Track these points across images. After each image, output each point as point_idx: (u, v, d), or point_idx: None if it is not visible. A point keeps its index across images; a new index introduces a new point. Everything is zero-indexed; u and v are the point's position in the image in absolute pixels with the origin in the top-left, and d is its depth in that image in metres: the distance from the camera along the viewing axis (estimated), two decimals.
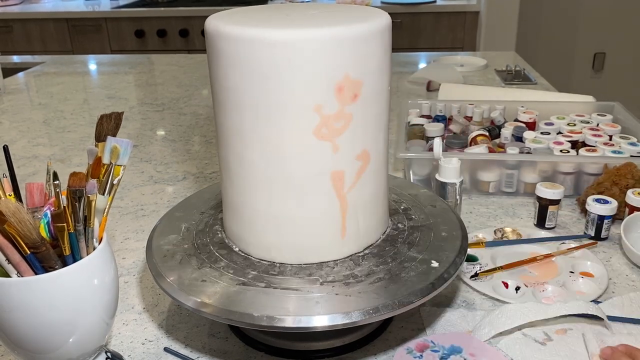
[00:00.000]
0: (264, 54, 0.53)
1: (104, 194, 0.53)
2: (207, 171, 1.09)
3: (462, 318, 0.66)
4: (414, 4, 2.84)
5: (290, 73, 0.53)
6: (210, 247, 0.64)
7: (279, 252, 0.61)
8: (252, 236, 0.62)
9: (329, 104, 0.55)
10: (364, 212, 0.61)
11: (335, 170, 0.57)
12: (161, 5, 3.02)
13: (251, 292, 0.56)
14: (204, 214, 0.71)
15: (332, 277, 0.58)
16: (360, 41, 0.54)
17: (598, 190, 0.85)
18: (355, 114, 0.56)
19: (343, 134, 0.56)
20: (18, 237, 0.47)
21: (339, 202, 0.59)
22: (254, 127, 0.56)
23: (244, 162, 0.59)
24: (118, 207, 0.96)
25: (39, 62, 2.02)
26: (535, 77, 1.61)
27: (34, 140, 1.28)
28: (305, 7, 0.62)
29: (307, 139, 0.55)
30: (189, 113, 1.44)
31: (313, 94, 0.54)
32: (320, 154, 0.56)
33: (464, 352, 0.60)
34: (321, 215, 0.59)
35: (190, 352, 0.63)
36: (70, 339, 0.51)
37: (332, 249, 0.61)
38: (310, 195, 0.58)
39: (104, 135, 0.54)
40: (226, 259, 0.62)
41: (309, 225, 0.59)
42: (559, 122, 1.07)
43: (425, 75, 1.58)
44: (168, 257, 0.63)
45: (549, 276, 0.73)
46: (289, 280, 0.58)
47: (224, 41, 0.55)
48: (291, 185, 0.58)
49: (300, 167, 0.57)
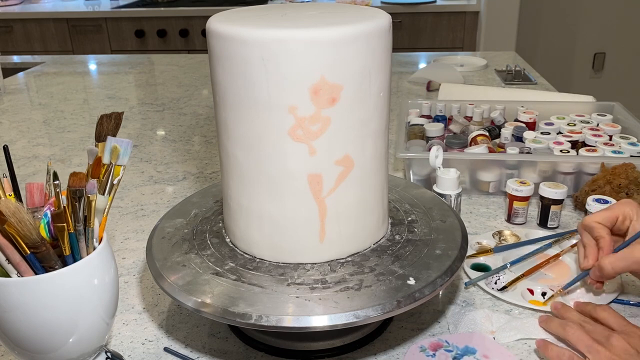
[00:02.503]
0: (240, 52, 0.54)
1: (104, 194, 0.53)
2: (207, 171, 1.09)
3: (487, 318, 0.66)
4: (414, 4, 2.84)
5: (265, 73, 0.53)
6: (206, 235, 0.67)
7: (257, 248, 0.62)
8: (236, 229, 0.63)
9: (303, 106, 0.54)
10: (347, 218, 0.60)
11: (312, 173, 0.57)
12: (161, 5, 3.01)
13: (250, 292, 0.56)
14: (205, 214, 0.72)
15: (301, 279, 0.58)
16: (339, 44, 0.53)
17: (592, 187, 0.85)
18: (333, 118, 0.55)
19: (320, 137, 0.56)
20: (18, 237, 0.47)
21: (317, 206, 0.58)
22: (236, 124, 0.58)
23: (229, 158, 0.60)
24: (118, 207, 0.96)
25: (39, 62, 2.02)
26: (535, 77, 1.61)
27: (34, 140, 1.28)
28: (304, 7, 0.62)
29: (282, 139, 0.56)
30: (189, 113, 1.44)
31: (287, 95, 0.54)
32: (295, 155, 0.56)
33: (477, 353, 0.60)
34: (298, 216, 0.59)
35: (190, 352, 0.63)
36: (70, 339, 0.51)
37: (310, 252, 0.61)
38: (287, 196, 0.58)
39: (104, 135, 0.54)
40: (214, 248, 0.64)
41: (286, 225, 0.60)
42: (559, 122, 1.07)
43: (425, 75, 1.59)
44: (166, 238, 0.66)
45: (564, 276, 0.73)
46: (260, 277, 0.59)
47: (212, 38, 0.57)
48: (270, 184, 0.58)
49: (277, 167, 0.57)
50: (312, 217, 0.59)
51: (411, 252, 0.62)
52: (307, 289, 0.57)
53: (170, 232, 0.67)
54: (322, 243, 0.60)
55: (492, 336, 0.63)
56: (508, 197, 0.86)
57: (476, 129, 1.05)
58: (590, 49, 3.26)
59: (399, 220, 0.69)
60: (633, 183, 0.84)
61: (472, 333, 0.64)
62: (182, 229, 0.68)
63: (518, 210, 0.86)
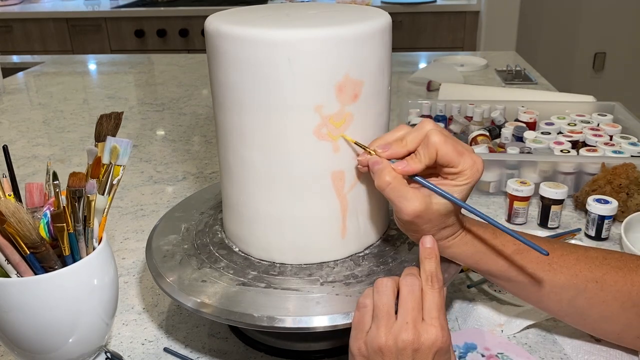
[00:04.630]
0: (264, 53, 0.52)
1: (104, 194, 0.53)
2: (207, 171, 1.08)
3: (494, 312, 0.67)
4: (414, 4, 2.84)
5: (291, 73, 0.53)
6: (210, 248, 0.64)
7: (279, 252, 0.61)
8: (252, 236, 0.62)
9: (329, 104, 0.54)
10: (364, 212, 0.61)
11: (335, 170, 0.57)
12: (161, 5, 3.02)
13: (251, 293, 0.56)
14: (204, 214, 0.71)
15: (332, 277, 0.58)
16: (360, 41, 0.54)
17: (592, 187, 0.85)
18: (355, 113, 0.56)
19: (343, 134, 0.56)
20: (17, 237, 0.47)
21: (340, 202, 0.59)
22: (254, 127, 0.56)
23: (244, 162, 0.58)
24: (118, 207, 0.95)
25: (39, 62, 2.02)
26: (535, 77, 1.61)
27: (33, 140, 1.28)
28: (304, 7, 0.62)
29: (307, 139, 0.55)
30: (189, 113, 1.44)
31: (313, 95, 0.54)
32: (320, 154, 0.56)
33: (478, 347, 0.61)
34: (322, 215, 0.59)
35: (190, 352, 0.63)
36: (70, 339, 0.51)
37: (333, 249, 0.61)
38: (311, 196, 0.58)
39: (104, 135, 0.54)
40: (226, 259, 0.62)
41: (310, 225, 0.59)
42: (560, 122, 1.07)
43: (425, 75, 1.58)
44: (168, 257, 0.63)
45: None
46: (289, 280, 0.58)
47: (224, 41, 0.54)
48: (292, 185, 0.57)
49: (301, 167, 0.57)
50: (334, 215, 0.59)
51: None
52: (342, 286, 0.57)
53: (170, 250, 0.64)
54: (343, 239, 0.61)
55: (501, 329, 0.64)
56: (508, 197, 0.86)
57: (476, 129, 1.05)
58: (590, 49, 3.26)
59: None
60: (633, 183, 0.84)
61: (467, 329, 0.64)
62: (179, 245, 0.65)
63: (518, 210, 0.86)
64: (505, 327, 0.64)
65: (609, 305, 0.56)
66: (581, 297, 0.56)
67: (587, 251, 0.58)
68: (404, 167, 0.53)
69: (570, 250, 0.58)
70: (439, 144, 0.52)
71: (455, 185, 0.53)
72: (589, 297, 0.56)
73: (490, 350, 0.61)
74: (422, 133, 0.53)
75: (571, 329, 0.63)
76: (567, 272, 0.56)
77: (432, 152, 0.52)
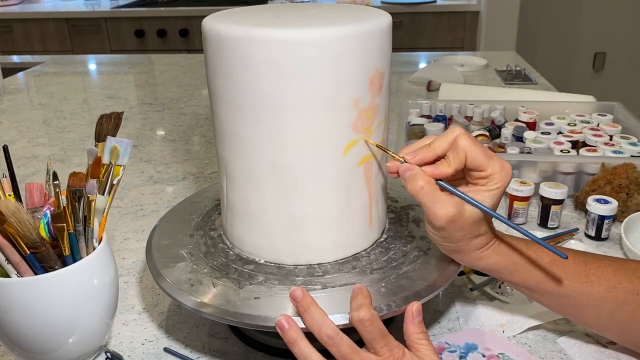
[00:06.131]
0: (306, 54, 0.52)
1: (104, 194, 0.53)
2: (207, 171, 1.08)
3: (496, 312, 0.66)
4: (414, 4, 2.84)
5: (333, 71, 0.53)
6: (211, 248, 0.64)
7: (320, 254, 0.60)
8: (289, 245, 0.60)
9: (364, 98, 0.56)
10: (382, 198, 0.63)
11: (367, 162, 0.59)
12: (161, 5, 3.02)
13: (252, 293, 0.56)
14: (204, 214, 0.71)
15: (375, 265, 0.59)
16: (382, 35, 0.56)
17: (592, 187, 0.85)
18: (379, 104, 0.58)
19: (372, 125, 0.58)
20: (18, 237, 0.47)
21: (368, 192, 0.60)
22: (287, 131, 0.55)
23: (277, 167, 0.56)
24: (118, 207, 0.95)
25: (39, 62, 2.02)
26: (535, 77, 1.61)
27: (33, 140, 1.28)
28: (305, 7, 0.62)
29: (346, 134, 0.56)
30: (189, 113, 1.44)
31: (352, 89, 0.55)
32: (356, 147, 0.57)
33: (479, 347, 0.61)
34: (357, 207, 0.60)
35: (190, 352, 0.63)
36: (70, 339, 0.51)
37: (364, 239, 0.62)
38: (347, 190, 0.58)
39: (104, 135, 0.54)
40: (234, 265, 0.61)
41: (347, 219, 0.60)
42: (560, 122, 1.07)
43: (425, 75, 1.58)
44: (168, 257, 0.63)
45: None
46: (336, 277, 0.58)
47: (257, 46, 0.52)
48: (331, 183, 0.57)
49: (339, 163, 0.57)
50: (365, 205, 0.61)
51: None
52: (389, 270, 0.59)
53: (170, 250, 0.63)
54: (370, 228, 0.62)
55: (502, 329, 0.64)
56: (508, 197, 0.86)
57: (476, 129, 1.05)
58: (590, 49, 3.26)
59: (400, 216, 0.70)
60: (633, 183, 0.84)
61: (468, 329, 0.64)
62: (180, 245, 0.64)
63: (518, 210, 0.86)
64: (507, 328, 0.64)
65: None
66: (622, 310, 0.54)
67: (626, 262, 0.57)
68: (432, 170, 0.53)
69: (608, 262, 0.56)
70: (468, 147, 0.52)
71: (487, 190, 0.53)
72: (631, 310, 0.54)
73: (491, 351, 0.61)
74: (450, 137, 0.54)
75: (571, 329, 0.63)
76: (606, 284, 0.54)
77: (462, 156, 0.52)
